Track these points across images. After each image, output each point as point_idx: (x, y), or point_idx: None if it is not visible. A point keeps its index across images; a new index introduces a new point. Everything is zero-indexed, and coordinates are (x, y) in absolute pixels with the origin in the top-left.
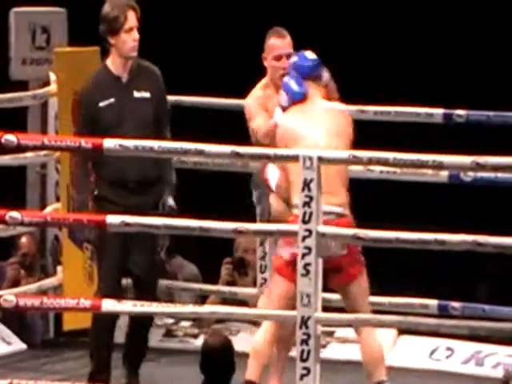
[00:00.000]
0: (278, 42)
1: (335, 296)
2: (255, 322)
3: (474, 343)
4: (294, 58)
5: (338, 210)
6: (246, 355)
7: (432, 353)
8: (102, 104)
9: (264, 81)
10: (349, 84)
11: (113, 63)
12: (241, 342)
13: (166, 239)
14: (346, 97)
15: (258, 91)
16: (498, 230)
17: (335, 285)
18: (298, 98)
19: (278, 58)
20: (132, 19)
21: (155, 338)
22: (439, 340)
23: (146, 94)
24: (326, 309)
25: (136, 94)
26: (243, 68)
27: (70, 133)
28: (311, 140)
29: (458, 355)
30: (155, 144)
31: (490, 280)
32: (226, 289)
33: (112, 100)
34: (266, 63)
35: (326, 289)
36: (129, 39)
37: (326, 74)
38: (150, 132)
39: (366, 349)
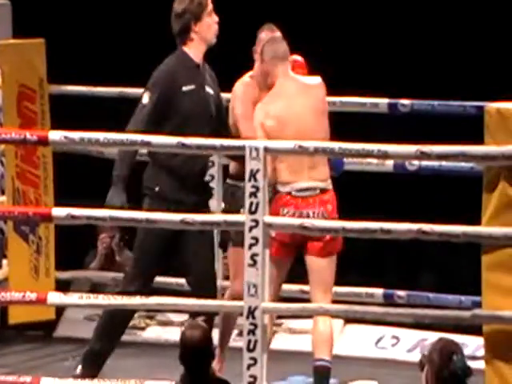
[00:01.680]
0: (262, 38)
1: (284, 286)
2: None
3: (419, 331)
4: None
5: (322, 185)
6: None
7: (378, 341)
8: (185, 88)
9: (250, 72)
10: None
11: (193, 51)
12: None
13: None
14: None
15: (246, 78)
16: (443, 219)
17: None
18: None
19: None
20: (210, 2)
21: None
22: (385, 328)
23: (211, 91)
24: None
25: (207, 89)
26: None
27: (16, 125)
28: (295, 127)
29: (403, 343)
30: (101, 136)
31: (435, 268)
32: (173, 280)
33: (193, 86)
34: (255, 56)
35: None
36: (212, 22)
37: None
38: (214, 126)
39: (316, 329)
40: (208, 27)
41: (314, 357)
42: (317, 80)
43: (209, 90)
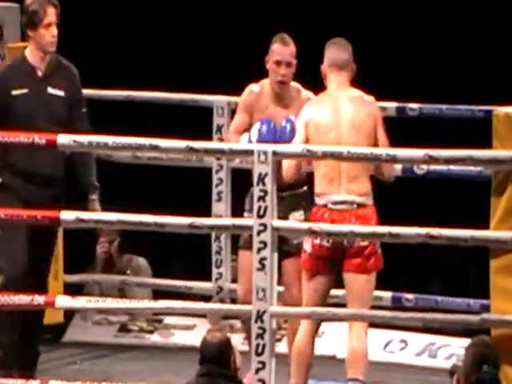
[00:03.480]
0: (280, 49)
1: None
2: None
3: (427, 335)
4: None
5: (359, 199)
6: None
7: (386, 345)
8: (15, 92)
9: (266, 80)
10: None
11: (31, 54)
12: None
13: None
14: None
15: (255, 86)
16: (451, 223)
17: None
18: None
19: (278, 64)
20: (51, 15)
21: (110, 334)
22: (393, 332)
23: (61, 93)
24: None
25: (50, 90)
26: (198, 62)
27: None
28: (333, 135)
29: (411, 347)
30: (109, 140)
31: (443, 272)
32: (181, 283)
33: (25, 91)
34: (268, 66)
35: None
36: (47, 35)
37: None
38: (64, 130)
39: (350, 346)
40: (42, 37)
41: (346, 375)
42: (370, 99)
43: (53, 91)
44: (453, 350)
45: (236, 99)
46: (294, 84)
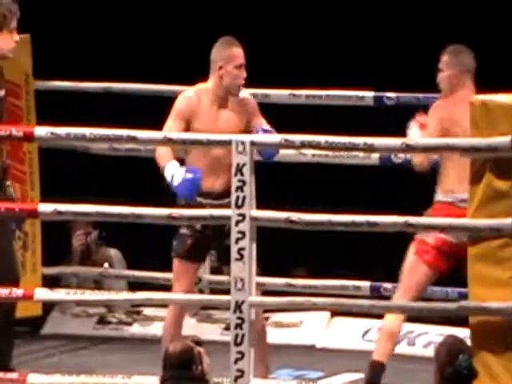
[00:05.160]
0: (239, 52)
1: (270, 280)
2: None
3: (405, 323)
4: None
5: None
6: None
7: (365, 334)
8: None
9: (204, 85)
10: (280, 68)
11: None
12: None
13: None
14: (279, 81)
15: (190, 93)
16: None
17: None
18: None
19: (239, 68)
20: (14, 21)
21: (89, 326)
22: (372, 321)
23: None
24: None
25: None
26: (172, 55)
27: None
28: (463, 127)
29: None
30: (87, 131)
31: None
32: (160, 275)
33: None
34: (220, 71)
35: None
36: (10, 39)
37: None
38: None
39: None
40: (5, 41)
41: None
42: None
43: None
44: (431, 338)
45: None
46: None
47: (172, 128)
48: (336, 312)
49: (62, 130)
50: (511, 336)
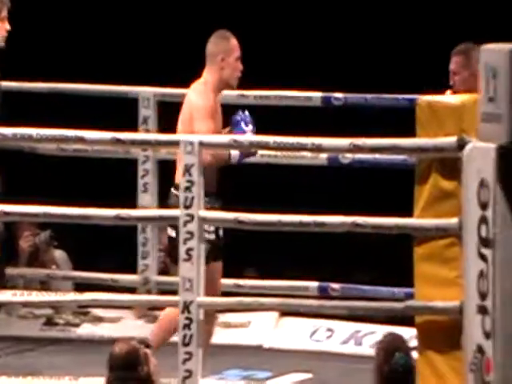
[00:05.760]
0: (236, 44)
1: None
2: None
3: (353, 323)
4: None
5: None
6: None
7: (313, 334)
8: None
9: (202, 81)
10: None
11: None
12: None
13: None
14: None
15: (210, 94)
16: (377, 211)
17: None
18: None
19: (238, 59)
20: (5, 10)
21: (35, 328)
22: (319, 321)
23: None
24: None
25: None
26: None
27: None
28: None
29: (337, 335)
30: (34, 132)
31: (369, 261)
32: (107, 276)
33: None
34: (222, 63)
35: None
36: (2, 28)
37: None
38: None
39: None
40: None
41: None
42: None
43: None
44: (378, 338)
45: (162, 90)
46: None
47: (210, 128)
48: (284, 312)
49: (8, 131)
50: (457, 335)
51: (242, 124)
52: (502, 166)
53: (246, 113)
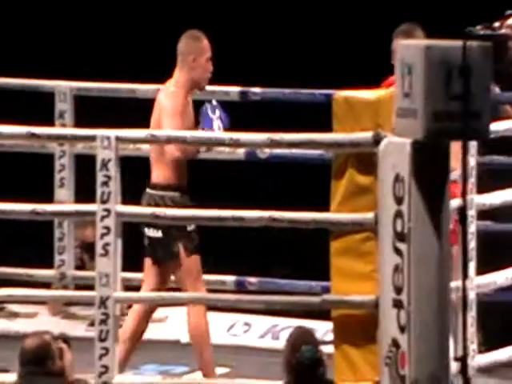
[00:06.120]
0: (208, 45)
1: (136, 275)
2: None
3: (270, 317)
4: None
5: None
6: None
7: (230, 328)
8: None
9: (173, 81)
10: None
11: None
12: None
13: None
14: (146, 76)
15: (180, 93)
16: (294, 206)
17: None
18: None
19: (209, 60)
20: None
21: None
22: (237, 315)
23: None
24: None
25: None
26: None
27: None
28: None
29: (255, 330)
30: None
31: (287, 255)
32: (22, 271)
33: None
34: (193, 64)
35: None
36: None
37: None
38: None
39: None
40: None
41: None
42: None
43: None
44: None
45: (79, 84)
46: None
47: (178, 125)
48: None
49: None
50: (373, 329)
51: (209, 112)
52: (416, 161)
53: (214, 102)
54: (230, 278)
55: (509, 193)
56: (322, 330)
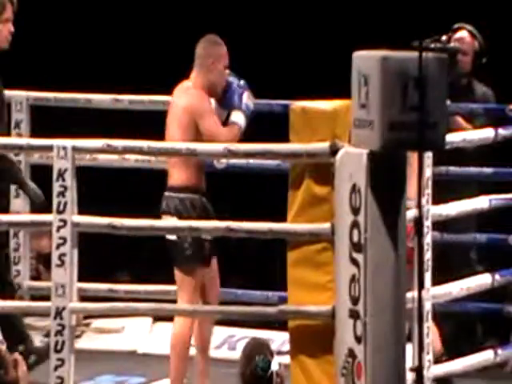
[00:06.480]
0: (226, 52)
1: (92, 285)
2: None
3: (227, 328)
4: None
5: None
6: None
7: None
8: None
9: (195, 83)
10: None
11: None
12: None
13: None
14: (102, 86)
15: (202, 93)
16: (251, 216)
17: None
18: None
19: (226, 68)
20: (9, 11)
21: None
22: None
23: None
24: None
25: None
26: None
27: None
28: None
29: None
30: None
31: (244, 266)
32: None
33: None
34: (211, 67)
35: None
36: (4, 29)
37: None
38: None
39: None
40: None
41: None
42: None
43: None
44: None
45: (35, 94)
46: None
47: (218, 123)
48: (158, 317)
49: None
50: (329, 339)
51: (235, 80)
52: (373, 171)
53: (242, 82)
54: None
55: (464, 203)
56: (279, 340)
